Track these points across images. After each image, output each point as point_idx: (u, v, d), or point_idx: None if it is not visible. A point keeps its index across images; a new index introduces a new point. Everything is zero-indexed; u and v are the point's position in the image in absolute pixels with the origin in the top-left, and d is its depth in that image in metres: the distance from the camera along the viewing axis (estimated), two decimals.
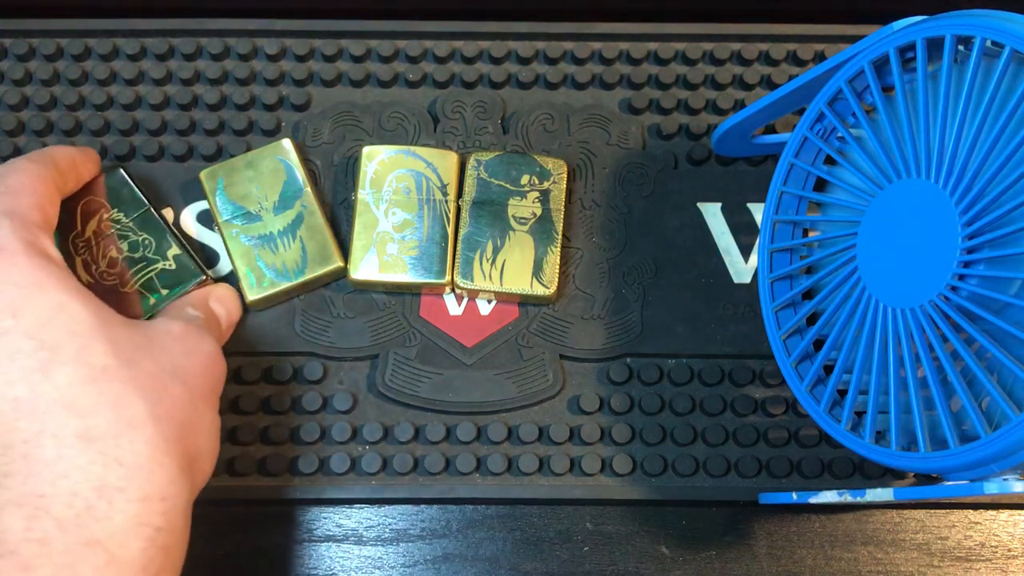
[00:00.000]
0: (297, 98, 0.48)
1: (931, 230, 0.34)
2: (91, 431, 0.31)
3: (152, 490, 0.32)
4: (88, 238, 0.43)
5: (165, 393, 0.34)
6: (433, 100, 0.48)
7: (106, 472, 0.31)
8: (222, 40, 0.48)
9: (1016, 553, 0.44)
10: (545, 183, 0.45)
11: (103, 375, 0.32)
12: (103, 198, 0.43)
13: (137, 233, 0.43)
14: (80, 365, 0.32)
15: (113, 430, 0.32)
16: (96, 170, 0.43)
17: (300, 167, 0.45)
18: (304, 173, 0.45)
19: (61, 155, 0.41)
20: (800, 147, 0.41)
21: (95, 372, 0.32)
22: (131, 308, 0.42)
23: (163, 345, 0.35)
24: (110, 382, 0.32)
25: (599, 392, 0.44)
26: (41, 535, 0.30)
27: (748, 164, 0.48)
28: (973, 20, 0.33)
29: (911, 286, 0.34)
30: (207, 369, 0.37)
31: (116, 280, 0.42)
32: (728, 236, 0.47)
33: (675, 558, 0.43)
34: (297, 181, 0.45)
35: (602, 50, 0.49)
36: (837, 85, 0.38)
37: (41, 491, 0.30)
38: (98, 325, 0.33)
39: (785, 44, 0.49)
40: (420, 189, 0.45)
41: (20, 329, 0.32)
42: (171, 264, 0.43)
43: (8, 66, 0.48)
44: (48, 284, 0.33)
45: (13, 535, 0.29)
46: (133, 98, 0.48)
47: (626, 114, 0.48)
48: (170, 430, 0.33)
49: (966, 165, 0.33)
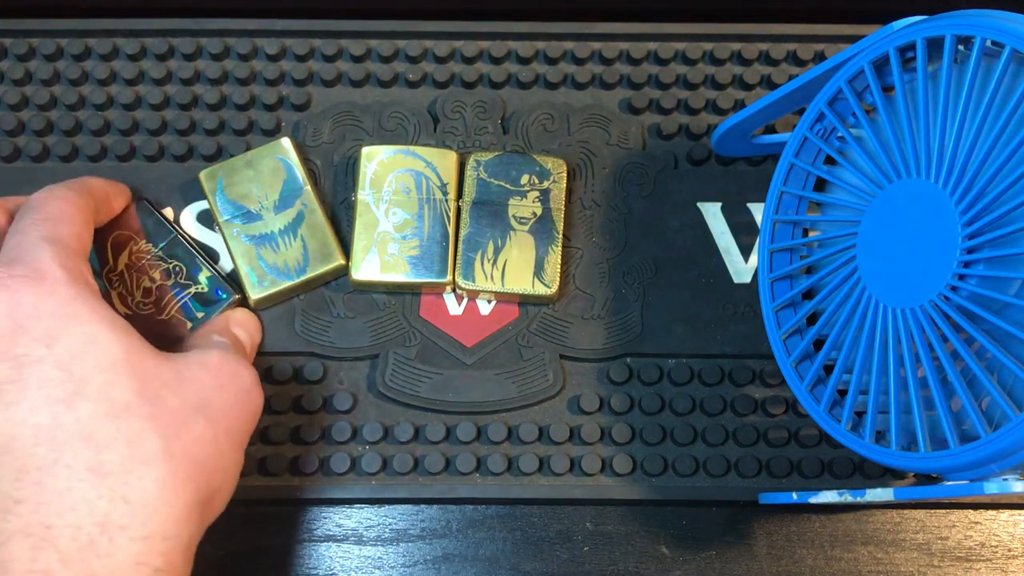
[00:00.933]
0: (297, 98, 0.48)
1: (931, 230, 0.34)
2: (103, 465, 0.31)
3: (155, 529, 0.32)
4: (121, 271, 0.43)
5: (185, 430, 0.34)
6: (433, 100, 0.48)
7: (112, 508, 0.31)
8: (222, 40, 0.48)
9: (1016, 553, 0.44)
10: (545, 183, 0.45)
11: (124, 411, 0.32)
12: (133, 231, 0.44)
13: (167, 261, 0.44)
14: (103, 400, 0.32)
15: (125, 466, 0.32)
16: (125, 203, 0.44)
17: (300, 166, 0.45)
18: (304, 172, 0.45)
19: (96, 186, 0.41)
20: (800, 147, 0.41)
21: (117, 408, 0.32)
22: (174, 332, 0.43)
23: (193, 379, 0.35)
24: (130, 418, 0.32)
25: (599, 392, 0.44)
26: (44, 567, 0.30)
27: (748, 164, 0.48)
28: (973, 20, 0.33)
29: (911, 286, 0.34)
30: (239, 404, 0.36)
31: (152, 309, 0.43)
32: (728, 236, 0.47)
33: (675, 558, 0.43)
34: (297, 180, 0.45)
35: (602, 50, 0.49)
36: (837, 85, 0.38)
37: (49, 522, 0.30)
38: (126, 360, 0.33)
39: (785, 44, 0.49)
40: (420, 189, 0.45)
41: (52, 359, 0.32)
42: (203, 287, 0.43)
43: (8, 66, 0.48)
44: (83, 315, 0.33)
45: (18, 565, 0.30)
46: (133, 98, 0.47)
47: (626, 114, 0.48)
48: (184, 468, 0.33)
49: (966, 165, 0.33)
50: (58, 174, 0.46)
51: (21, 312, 0.33)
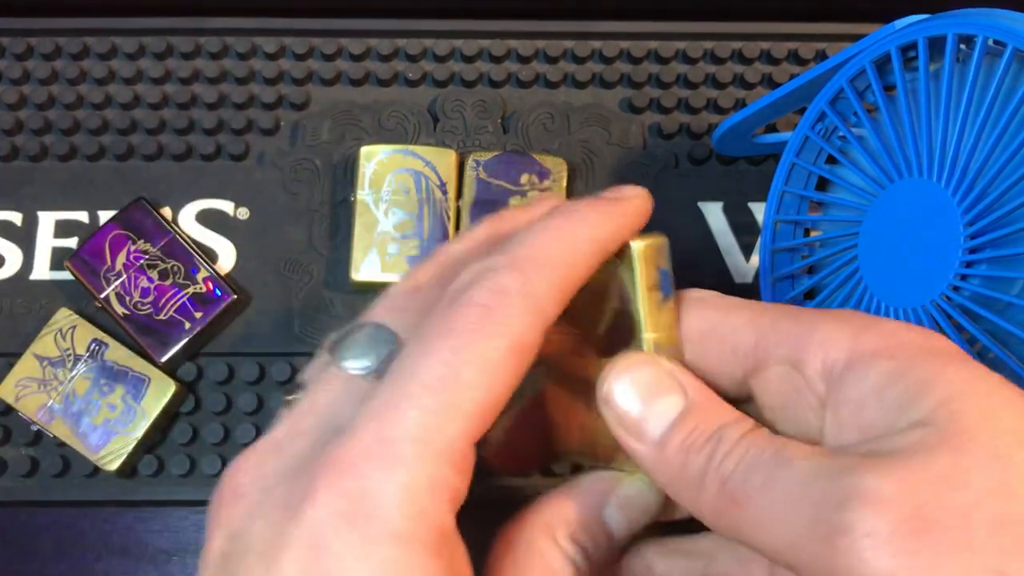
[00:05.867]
0: (296, 97, 0.48)
1: (933, 230, 0.34)
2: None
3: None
4: (119, 271, 0.43)
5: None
6: (433, 99, 0.48)
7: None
8: (221, 39, 0.48)
9: None
10: (545, 182, 0.45)
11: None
12: (130, 231, 0.44)
13: (165, 260, 0.43)
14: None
15: None
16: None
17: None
18: None
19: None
20: (802, 146, 0.41)
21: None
22: (173, 332, 0.42)
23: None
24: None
25: None
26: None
27: (749, 163, 0.47)
28: (975, 19, 0.33)
29: (913, 286, 0.34)
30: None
31: (150, 309, 0.43)
32: (729, 235, 0.46)
33: None
34: None
35: (602, 49, 0.49)
36: (839, 84, 0.38)
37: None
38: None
39: (786, 43, 0.49)
40: (419, 188, 0.45)
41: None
42: (201, 287, 0.43)
43: (6, 65, 0.48)
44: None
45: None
46: (131, 97, 0.47)
47: (626, 113, 0.48)
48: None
49: (968, 164, 0.33)
50: (56, 173, 0.46)
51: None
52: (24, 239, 0.46)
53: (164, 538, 0.44)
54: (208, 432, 0.43)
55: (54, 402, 0.42)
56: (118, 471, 0.41)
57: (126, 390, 0.42)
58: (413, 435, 0.20)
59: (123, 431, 0.41)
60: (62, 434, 0.42)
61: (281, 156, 0.47)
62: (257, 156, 0.47)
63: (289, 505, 0.20)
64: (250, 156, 0.47)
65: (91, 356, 0.42)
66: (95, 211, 0.46)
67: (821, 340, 0.24)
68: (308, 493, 0.20)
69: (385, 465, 0.20)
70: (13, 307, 0.45)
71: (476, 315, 0.21)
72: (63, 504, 0.43)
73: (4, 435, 0.43)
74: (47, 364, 0.42)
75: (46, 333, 0.43)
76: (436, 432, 0.20)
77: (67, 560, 0.43)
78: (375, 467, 0.20)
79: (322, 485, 0.19)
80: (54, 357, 0.42)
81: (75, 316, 0.43)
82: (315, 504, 0.19)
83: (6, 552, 0.43)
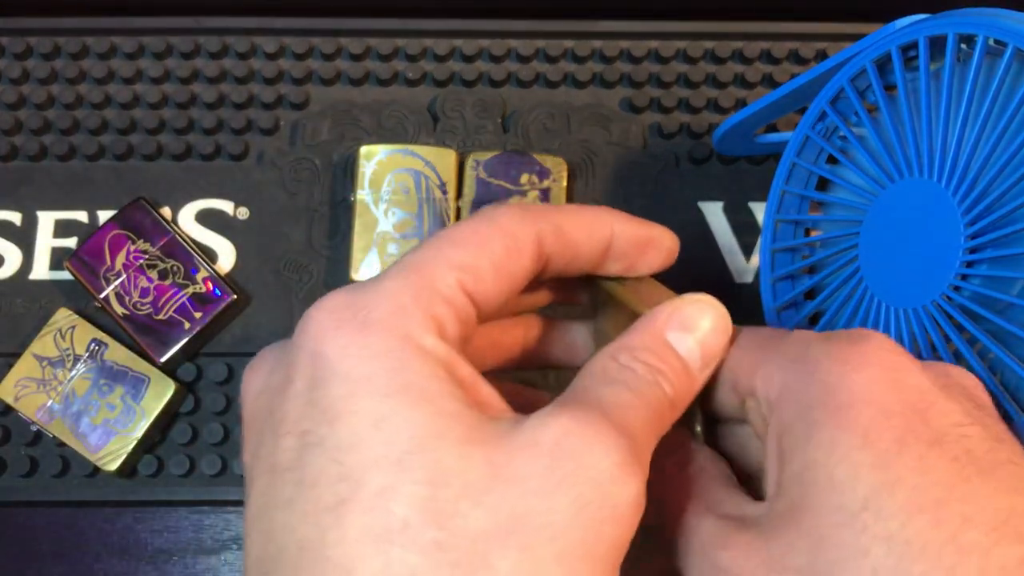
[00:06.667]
0: (296, 96, 0.48)
1: (934, 230, 0.34)
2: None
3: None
4: (118, 271, 0.43)
5: (483, 567, 0.22)
6: (433, 99, 0.48)
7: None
8: (220, 38, 0.48)
9: None
10: (545, 182, 0.45)
11: (400, 534, 0.22)
12: (129, 231, 0.44)
13: (165, 260, 0.43)
14: (375, 513, 0.23)
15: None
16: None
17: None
18: None
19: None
20: (802, 146, 0.41)
21: (390, 529, 0.23)
22: (173, 332, 0.43)
23: (514, 476, 0.23)
24: (405, 547, 0.22)
25: None
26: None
27: (750, 163, 0.47)
28: (975, 18, 0.33)
29: (914, 286, 0.34)
30: (586, 513, 0.23)
31: (150, 309, 0.43)
32: (730, 235, 0.46)
33: None
34: None
35: (603, 48, 0.48)
36: (839, 84, 0.38)
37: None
38: (419, 451, 0.23)
39: (787, 42, 0.49)
40: (419, 188, 0.45)
41: (332, 443, 0.24)
42: (201, 287, 0.43)
43: (5, 64, 0.48)
44: (379, 381, 0.24)
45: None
46: (131, 97, 0.47)
47: (627, 113, 0.48)
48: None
49: (969, 164, 0.33)
50: (55, 173, 0.46)
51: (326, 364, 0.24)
52: (23, 239, 0.46)
53: (163, 538, 0.44)
54: (208, 432, 0.43)
55: (53, 402, 0.42)
56: (118, 471, 0.41)
57: (125, 390, 0.42)
58: (404, 272, 0.25)
59: (123, 431, 0.41)
60: (61, 434, 0.42)
61: (280, 156, 0.47)
62: (256, 156, 0.47)
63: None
64: (249, 156, 0.47)
65: (90, 356, 0.42)
66: (94, 211, 0.46)
67: (762, 376, 0.27)
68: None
69: (378, 283, 0.25)
70: (12, 307, 0.45)
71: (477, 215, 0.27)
72: (63, 504, 0.43)
73: (4, 435, 0.43)
74: (47, 364, 0.42)
75: (46, 333, 0.43)
76: (426, 266, 0.25)
77: (66, 560, 0.43)
78: (371, 284, 0.25)
79: (328, 305, 0.25)
80: (54, 357, 0.42)
81: (75, 316, 0.43)
82: (319, 315, 0.25)
83: (6, 552, 0.43)
